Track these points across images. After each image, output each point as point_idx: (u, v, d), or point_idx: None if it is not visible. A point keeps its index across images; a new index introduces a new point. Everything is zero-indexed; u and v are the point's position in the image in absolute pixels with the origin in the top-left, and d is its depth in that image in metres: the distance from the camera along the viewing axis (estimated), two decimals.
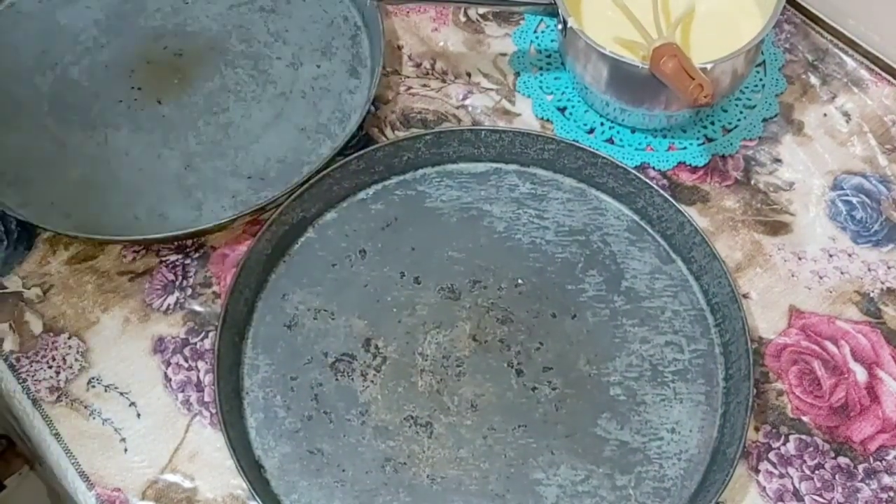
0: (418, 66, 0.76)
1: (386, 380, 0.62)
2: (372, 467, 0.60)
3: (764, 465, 0.60)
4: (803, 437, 0.61)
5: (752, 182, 0.70)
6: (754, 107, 0.73)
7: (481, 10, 0.79)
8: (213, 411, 0.61)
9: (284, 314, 0.65)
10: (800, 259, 0.67)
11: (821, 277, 0.66)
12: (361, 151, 0.68)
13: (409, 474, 0.59)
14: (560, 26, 0.68)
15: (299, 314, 0.65)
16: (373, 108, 0.73)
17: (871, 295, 0.66)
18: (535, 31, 0.77)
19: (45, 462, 0.62)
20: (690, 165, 0.71)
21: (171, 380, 0.63)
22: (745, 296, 0.66)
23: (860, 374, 0.63)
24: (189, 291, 0.66)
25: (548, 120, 0.73)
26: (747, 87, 0.74)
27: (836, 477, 0.60)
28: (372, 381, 0.62)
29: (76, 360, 0.64)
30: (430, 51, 0.77)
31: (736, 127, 0.72)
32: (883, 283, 0.66)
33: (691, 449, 0.60)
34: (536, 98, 0.74)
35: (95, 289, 0.66)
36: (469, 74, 0.75)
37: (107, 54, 0.75)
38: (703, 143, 0.71)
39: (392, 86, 0.75)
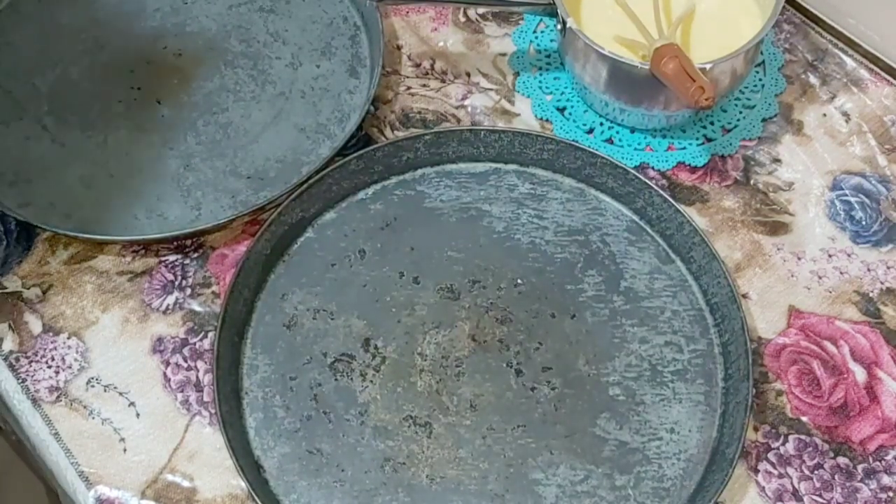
0: (418, 66, 0.76)
1: (385, 380, 0.62)
2: (371, 467, 0.60)
3: (763, 465, 0.60)
4: (802, 437, 0.61)
5: (752, 182, 0.70)
6: (754, 107, 0.73)
7: (481, 10, 0.78)
8: (213, 411, 0.61)
9: (284, 314, 0.65)
10: (799, 259, 0.67)
11: (820, 277, 0.66)
12: (361, 151, 0.68)
13: (408, 474, 0.59)
14: (559, 26, 0.68)
15: (298, 314, 0.65)
16: (372, 108, 0.73)
17: (871, 295, 0.66)
18: (534, 31, 0.77)
19: (45, 462, 0.62)
20: (690, 165, 0.71)
21: (170, 380, 0.63)
22: (745, 296, 0.66)
23: (859, 374, 0.63)
24: (188, 291, 0.66)
25: (547, 120, 0.73)
26: (747, 87, 0.74)
27: (836, 477, 0.60)
28: (371, 381, 0.62)
29: (75, 359, 0.64)
30: (429, 51, 0.77)
31: (735, 127, 0.72)
32: (882, 283, 0.66)
33: (690, 449, 0.60)
34: (536, 98, 0.74)
35: (95, 289, 0.66)
36: (468, 74, 0.75)
37: (107, 54, 0.75)
38: (703, 143, 0.71)
39: (391, 86, 0.75)
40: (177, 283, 0.66)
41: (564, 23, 0.67)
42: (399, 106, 0.74)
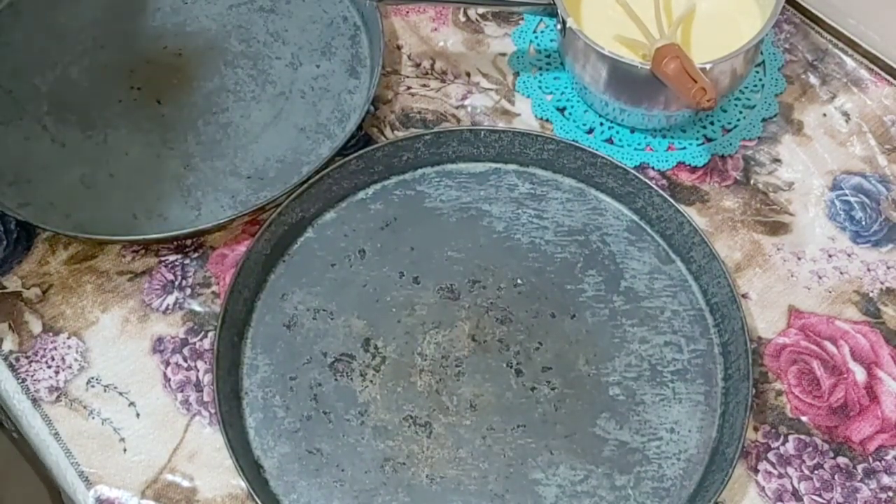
0: (418, 65, 0.76)
1: (385, 380, 0.62)
2: (371, 467, 0.60)
3: (763, 465, 0.60)
4: (802, 436, 0.61)
5: (752, 182, 0.70)
6: (754, 107, 0.73)
7: (481, 10, 0.78)
8: (213, 411, 0.61)
9: (284, 314, 0.65)
10: (799, 259, 0.67)
11: (820, 277, 0.66)
12: (361, 151, 0.68)
13: (408, 474, 0.59)
14: (559, 26, 0.68)
15: (298, 314, 0.65)
16: (372, 108, 0.73)
17: (871, 295, 0.66)
18: (534, 31, 0.77)
19: (44, 462, 0.62)
20: (690, 165, 0.71)
21: (170, 380, 0.63)
22: (745, 296, 0.66)
23: (859, 374, 0.63)
24: (188, 291, 0.66)
25: (547, 120, 0.73)
26: (747, 87, 0.74)
27: (836, 477, 0.60)
28: (371, 381, 0.62)
29: (75, 359, 0.64)
30: (429, 51, 0.77)
31: (735, 127, 0.72)
32: (882, 283, 0.66)
33: (690, 449, 0.60)
34: (536, 98, 0.74)
35: (95, 289, 0.66)
36: (468, 74, 0.75)
37: (106, 54, 0.75)
38: (703, 143, 0.71)
39: (391, 86, 0.75)
40: (177, 283, 0.66)
41: (564, 23, 0.67)
42: (399, 106, 0.74)
